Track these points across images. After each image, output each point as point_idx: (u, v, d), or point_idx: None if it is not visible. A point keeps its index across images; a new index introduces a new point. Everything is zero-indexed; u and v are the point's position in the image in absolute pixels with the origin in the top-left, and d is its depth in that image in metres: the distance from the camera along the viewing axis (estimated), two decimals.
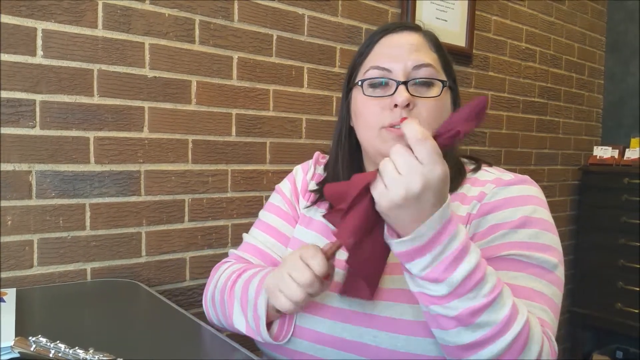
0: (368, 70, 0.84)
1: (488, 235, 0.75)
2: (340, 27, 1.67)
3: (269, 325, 0.80)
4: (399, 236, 0.63)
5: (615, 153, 2.64)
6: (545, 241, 0.75)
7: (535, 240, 0.74)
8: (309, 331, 0.78)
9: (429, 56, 0.84)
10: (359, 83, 0.85)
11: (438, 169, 0.59)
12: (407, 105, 0.79)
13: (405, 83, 0.80)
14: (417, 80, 0.81)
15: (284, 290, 0.69)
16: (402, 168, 0.60)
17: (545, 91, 2.53)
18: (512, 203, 0.77)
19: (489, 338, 0.61)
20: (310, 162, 1.02)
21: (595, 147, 2.75)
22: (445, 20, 1.99)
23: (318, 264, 0.67)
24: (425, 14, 1.90)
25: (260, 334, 0.78)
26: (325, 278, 0.70)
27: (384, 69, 0.82)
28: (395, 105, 0.79)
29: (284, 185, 1.01)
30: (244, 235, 1.00)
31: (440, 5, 1.97)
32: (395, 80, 0.81)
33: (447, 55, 0.88)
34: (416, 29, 0.88)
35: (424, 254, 0.61)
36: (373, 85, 0.83)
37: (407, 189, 0.59)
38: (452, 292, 0.61)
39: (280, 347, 0.80)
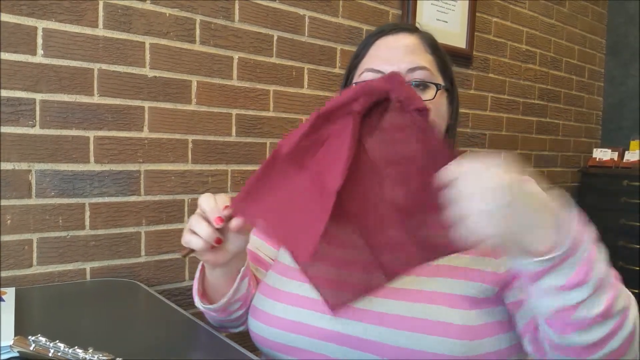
0: (363, 73, 0.84)
1: None
2: (341, 28, 1.68)
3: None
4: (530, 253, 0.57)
5: (615, 155, 2.64)
6: None
7: None
8: (311, 327, 0.78)
9: (424, 58, 0.84)
10: (354, 85, 0.85)
11: (494, 164, 0.56)
12: None
13: None
14: (412, 82, 0.81)
15: (183, 236, 0.73)
16: (470, 188, 0.54)
17: (545, 93, 2.53)
18: None
19: (619, 324, 0.59)
20: None
21: (594, 150, 2.76)
22: (446, 22, 1.99)
23: (208, 206, 0.71)
24: (425, 15, 1.90)
25: (195, 297, 0.85)
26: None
27: (378, 71, 0.82)
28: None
29: None
30: None
31: (440, 7, 1.97)
32: None
33: (445, 56, 0.88)
34: (412, 30, 0.88)
35: (561, 264, 0.56)
36: None
37: (492, 194, 0.53)
38: (598, 284, 0.57)
39: (280, 345, 0.80)
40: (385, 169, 0.61)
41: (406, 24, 0.91)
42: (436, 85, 0.83)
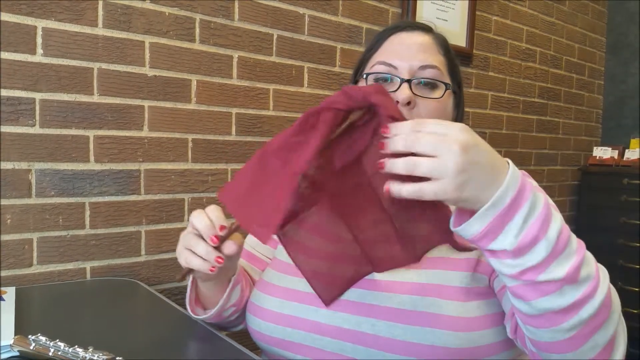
0: (375, 65, 0.86)
1: None
2: (341, 26, 1.67)
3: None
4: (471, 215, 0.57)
5: (615, 154, 2.64)
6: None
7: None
8: (307, 321, 0.78)
9: (436, 58, 0.85)
10: (364, 76, 0.86)
11: (456, 126, 0.55)
12: (408, 103, 0.80)
13: (409, 81, 0.81)
14: (422, 80, 0.82)
15: (180, 255, 0.74)
16: (431, 149, 0.54)
17: (545, 91, 2.53)
18: None
19: (590, 292, 0.58)
20: None
21: (594, 148, 2.75)
22: (446, 20, 1.98)
23: (202, 225, 0.73)
24: (425, 14, 1.90)
25: (188, 307, 0.85)
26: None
27: (390, 65, 0.83)
28: (397, 102, 0.79)
29: None
30: None
31: (440, 5, 1.97)
32: (399, 78, 0.82)
33: (455, 59, 0.89)
34: (427, 29, 0.89)
35: (513, 216, 0.55)
36: (378, 81, 0.84)
37: (455, 161, 0.53)
38: (551, 252, 0.55)
39: (277, 340, 0.81)
40: (372, 169, 0.62)
41: (422, 23, 0.91)
42: (445, 84, 0.84)
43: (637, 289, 2.39)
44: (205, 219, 0.73)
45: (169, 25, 1.31)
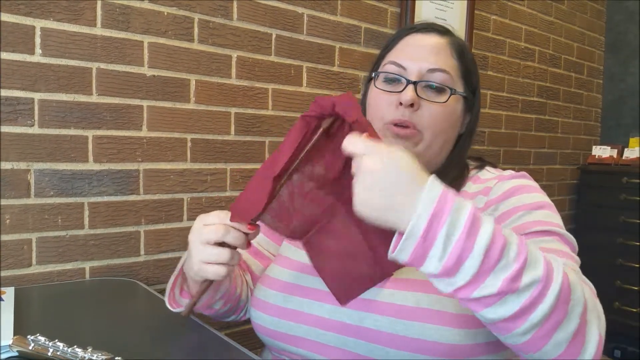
0: (386, 65, 0.87)
1: (505, 219, 0.77)
2: (340, 26, 1.67)
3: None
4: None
5: (614, 152, 2.64)
6: (559, 222, 0.77)
7: (551, 219, 0.76)
8: (311, 316, 0.79)
9: (448, 62, 0.85)
10: (374, 75, 0.88)
11: (379, 149, 0.58)
12: (412, 105, 0.80)
13: (415, 83, 0.82)
14: (430, 83, 0.83)
15: (201, 257, 0.72)
16: (355, 167, 0.59)
17: (544, 91, 2.53)
18: (521, 191, 0.80)
19: (536, 297, 0.57)
20: None
21: (594, 147, 2.76)
22: (445, 20, 1.98)
23: (218, 218, 0.72)
24: (424, 13, 1.90)
25: (173, 295, 0.84)
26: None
27: (400, 65, 0.85)
28: (401, 104, 0.80)
29: None
30: None
31: (439, 5, 1.97)
32: (406, 79, 0.82)
33: (471, 64, 0.89)
34: (443, 32, 0.89)
35: (432, 242, 0.54)
36: (387, 80, 0.86)
37: (362, 180, 0.57)
38: (480, 268, 0.54)
39: (281, 334, 0.81)
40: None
41: (440, 25, 0.92)
42: (450, 89, 0.83)
43: (636, 288, 2.39)
44: (216, 215, 0.73)
45: (167, 25, 1.31)
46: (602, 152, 2.69)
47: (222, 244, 0.71)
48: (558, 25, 2.58)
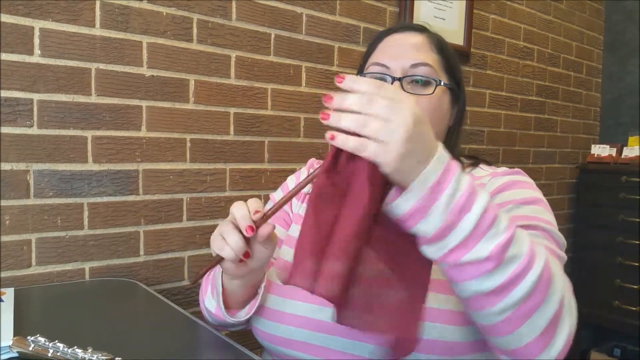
0: (369, 66, 0.88)
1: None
2: (339, 25, 1.67)
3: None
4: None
5: (613, 151, 2.64)
6: (549, 218, 0.76)
7: (541, 215, 0.76)
8: (311, 320, 0.79)
9: (429, 56, 0.86)
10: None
11: (411, 99, 0.56)
12: None
13: (400, 79, 0.83)
14: (415, 77, 0.83)
15: (214, 242, 0.70)
16: (385, 112, 0.54)
17: (543, 90, 2.53)
18: (514, 186, 0.80)
19: (518, 274, 0.57)
20: (303, 168, 1.05)
21: (593, 146, 2.76)
22: (444, 19, 1.99)
23: (240, 214, 0.68)
24: (423, 13, 1.90)
25: (221, 310, 0.80)
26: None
27: (383, 65, 0.86)
28: None
29: (277, 194, 1.04)
30: None
31: (438, 4, 1.97)
32: (391, 77, 0.84)
33: (452, 57, 0.90)
34: (421, 30, 0.90)
35: (437, 197, 0.55)
36: None
37: (406, 129, 0.53)
38: (473, 231, 0.56)
39: (281, 338, 0.81)
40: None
41: (416, 24, 0.93)
42: (435, 80, 0.84)
43: (636, 287, 2.39)
44: (244, 209, 0.69)
45: (166, 25, 1.31)
46: (601, 151, 2.69)
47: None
48: (557, 24, 2.58)
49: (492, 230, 0.57)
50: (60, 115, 1.16)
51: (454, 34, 2.03)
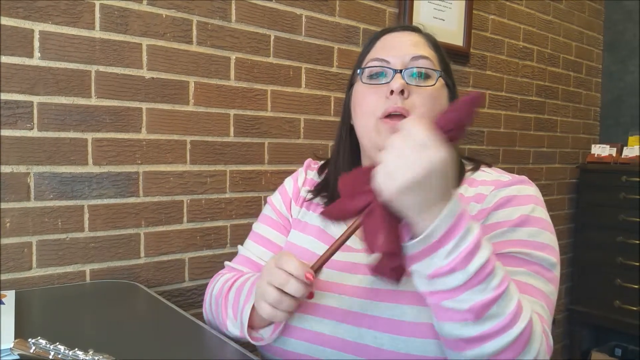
0: (368, 62, 0.88)
1: (487, 232, 0.76)
2: (338, 27, 1.68)
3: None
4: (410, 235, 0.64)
5: (613, 151, 2.64)
6: (544, 240, 0.76)
7: (534, 238, 0.75)
8: (308, 332, 0.78)
9: (428, 52, 0.87)
10: (359, 72, 0.88)
11: (441, 150, 0.58)
12: (402, 92, 0.80)
13: (401, 72, 0.83)
14: (415, 70, 0.83)
15: (262, 296, 0.71)
16: (405, 151, 0.58)
17: (543, 90, 2.53)
18: (512, 202, 0.78)
19: (495, 332, 0.61)
20: (300, 169, 1.04)
21: (593, 146, 2.76)
22: (443, 20, 1.99)
23: (293, 266, 0.69)
24: (422, 14, 1.90)
25: (246, 339, 0.80)
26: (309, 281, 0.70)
27: (382, 59, 0.85)
28: (392, 93, 0.80)
29: (274, 197, 1.02)
30: (239, 247, 1.01)
31: (437, 5, 1.97)
32: (392, 69, 0.83)
33: (445, 57, 0.91)
34: (416, 30, 0.91)
35: (437, 249, 0.60)
36: (372, 77, 0.86)
37: (413, 171, 0.57)
38: (465, 283, 0.60)
39: (281, 350, 0.80)
40: None
41: (411, 25, 0.94)
42: (437, 71, 0.85)
43: (636, 287, 2.39)
44: (294, 261, 0.70)
45: (166, 27, 1.31)
46: (601, 150, 2.69)
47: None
48: (556, 24, 2.58)
49: (482, 285, 0.60)
50: (60, 118, 1.17)
51: (454, 35, 2.04)
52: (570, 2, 2.66)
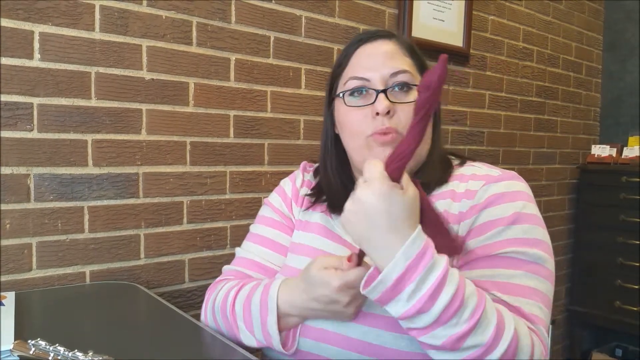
0: (347, 82, 0.87)
1: (483, 232, 0.76)
2: (338, 27, 1.68)
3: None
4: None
5: (613, 151, 2.64)
6: (537, 236, 0.76)
7: (528, 235, 0.75)
8: (312, 329, 0.79)
9: (404, 62, 0.86)
10: (340, 95, 0.88)
11: (394, 200, 0.62)
12: (388, 112, 0.80)
13: (384, 91, 0.83)
14: (396, 87, 0.83)
15: (333, 303, 0.73)
16: (359, 206, 0.64)
17: (542, 90, 2.53)
18: (503, 199, 0.78)
19: (476, 358, 0.62)
20: (297, 171, 1.04)
21: (593, 146, 2.76)
22: (443, 20, 1.99)
23: (336, 262, 0.73)
24: (422, 14, 1.90)
25: (274, 349, 0.80)
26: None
27: (362, 78, 0.85)
28: (377, 114, 0.81)
29: (273, 198, 1.02)
30: (237, 249, 1.00)
31: (437, 6, 1.97)
32: (374, 90, 0.83)
33: (422, 58, 0.90)
34: (390, 36, 0.90)
35: (398, 293, 0.62)
36: (353, 95, 0.86)
37: (357, 228, 0.64)
38: (434, 322, 0.61)
39: (315, 355, 0.81)
40: None
41: (383, 30, 0.94)
42: (416, 86, 0.84)
43: (637, 287, 2.39)
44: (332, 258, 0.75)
45: (165, 28, 1.31)
46: (601, 151, 2.69)
47: None
48: (556, 25, 2.58)
49: (454, 319, 0.61)
50: (60, 119, 1.17)
51: (453, 36, 2.04)
52: (570, 3, 2.66)
